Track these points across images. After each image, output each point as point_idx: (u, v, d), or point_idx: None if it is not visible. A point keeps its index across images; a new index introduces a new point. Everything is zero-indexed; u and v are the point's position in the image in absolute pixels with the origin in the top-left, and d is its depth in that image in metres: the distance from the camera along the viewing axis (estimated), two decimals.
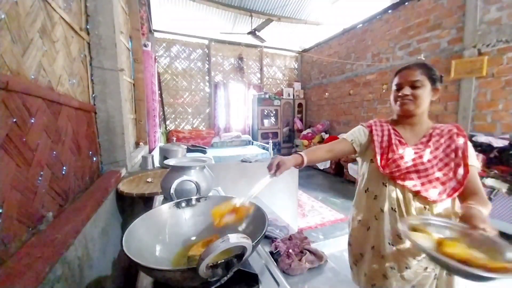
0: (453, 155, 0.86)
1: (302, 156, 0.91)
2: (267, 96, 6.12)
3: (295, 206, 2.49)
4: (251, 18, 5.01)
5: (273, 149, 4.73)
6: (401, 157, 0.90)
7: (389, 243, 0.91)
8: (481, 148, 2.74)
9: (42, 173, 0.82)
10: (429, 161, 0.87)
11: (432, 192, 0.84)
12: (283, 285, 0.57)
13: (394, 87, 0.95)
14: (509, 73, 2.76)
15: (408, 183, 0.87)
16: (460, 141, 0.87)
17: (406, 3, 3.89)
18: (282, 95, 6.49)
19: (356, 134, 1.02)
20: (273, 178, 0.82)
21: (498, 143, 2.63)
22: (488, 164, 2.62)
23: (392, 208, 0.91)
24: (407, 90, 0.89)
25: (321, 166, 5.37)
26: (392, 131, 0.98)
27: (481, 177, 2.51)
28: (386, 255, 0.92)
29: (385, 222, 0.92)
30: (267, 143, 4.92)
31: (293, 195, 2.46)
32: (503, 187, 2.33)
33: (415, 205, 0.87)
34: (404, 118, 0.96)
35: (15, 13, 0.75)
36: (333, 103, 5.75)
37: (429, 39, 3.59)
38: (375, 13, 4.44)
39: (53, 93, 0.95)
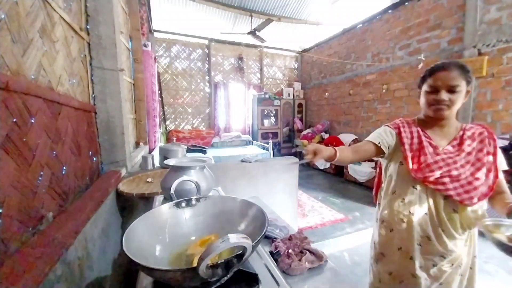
0: (485, 160, 0.87)
1: (336, 151, 0.88)
2: (267, 96, 6.12)
3: (295, 206, 2.49)
4: (251, 18, 5.02)
5: (273, 149, 4.73)
6: (435, 162, 0.89)
7: (418, 244, 0.93)
8: None
9: (42, 173, 0.82)
10: (462, 166, 0.87)
11: (464, 197, 0.84)
12: (283, 285, 0.57)
13: (427, 88, 0.89)
14: (509, 73, 2.76)
15: (441, 187, 0.86)
16: (491, 145, 0.89)
17: (406, 3, 3.89)
18: (282, 95, 6.49)
19: (383, 136, 0.98)
20: (303, 162, 0.84)
21: (498, 143, 2.63)
22: None
23: (422, 211, 0.92)
24: (444, 95, 0.84)
25: (321, 166, 5.37)
26: (421, 133, 0.95)
27: None
28: (414, 256, 0.93)
29: (414, 225, 0.92)
30: (267, 143, 4.92)
31: (293, 195, 2.46)
32: None
33: (446, 208, 0.88)
34: (434, 119, 0.93)
35: (15, 13, 0.75)
36: (333, 103, 5.75)
37: (429, 39, 3.59)
38: (375, 13, 4.44)
39: (53, 93, 0.95)
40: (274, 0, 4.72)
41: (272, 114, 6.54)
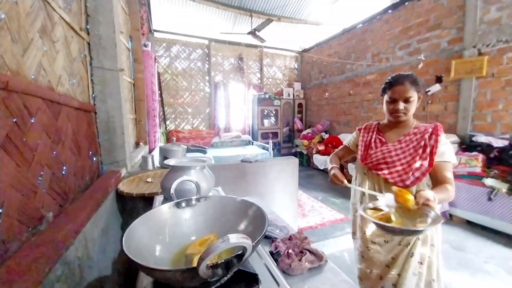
0: (420, 151, 1.02)
1: (336, 167, 1.20)
2: (267, 96, 6.11)
3: (295, 206, 2.49)
4: (251, 18, 5.02)
5: (273, 149, 4.73)
6: (375, 153, 1.14)
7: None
8: (481, 148, 2.74)
9: (42, 173, 0.82)
10: (397, 155, 1.07)
11: (396, 179, 1.03)
12: (283, 285, 0.57)
13: (387, 99, 1.09)
14: (509, 73, 2.76)
15: (379, 172, 1.09)
16: (431, 140, 1.02)
17: (406, 3, 3.89)
18: (282, 95, 6.49)
19: (350, 138, 1.34)
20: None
21: (498, 143, 2.63)
22: (488, 164, 2.62)
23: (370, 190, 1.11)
24: (401, 105, 1.04)
25: (321, 166, 5.37)
26: (375, 132, 1.21)
27: (481, 177, 2.51)
28: (367, 231, 1.14)
29: (365, 200, 1.14)
30: (267, 143, 4.92)
31: (293, 195, 2.46)
32: (503, 187, 2.33)
33: (386, 189, 1.03)
34: (395, 123, 1.13)
35: (15, 13, 0.75)
36: (333, 103, 5.75)
37: (429, 39, 3.59)
38: (375, 13, 4.44)
39: (53, 93, 0.95)
40: (274, 0, 4.72)
41: (272, 114, 6.54)
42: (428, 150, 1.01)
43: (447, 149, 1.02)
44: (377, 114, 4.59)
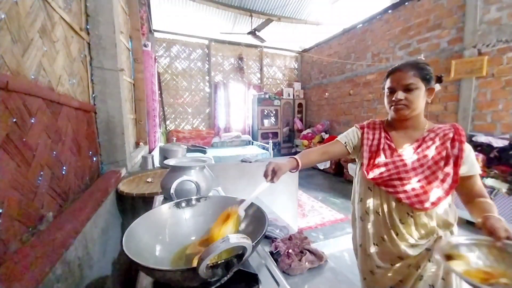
0: (442, 163, 0.82)
1: (296, 160, 0.90)
2: (267, 96, 6.12)
3: (295, 206, 2.49)
4: (251, 18, 5.01)
5: (273, 149, 4.73)
6: (385, 164, 0.89)
7: (374, 243, 0.94)
8: (481, 148, 2.74)
9: (42, 173, 0.82)
10: (414, 169, 0.85)
11: (413, 200, 0.82)
12: (283, 285, 0.57)
13: (386, 90, 0.91)
14: (509, 73, 2.76)
15: (391, 190, 0.86)
16: (455, 148, 0.82)
17: (406, 3, 3.89)
18: (282, 95, 6.49)
19: (350, 136, 1.02)
20: (271, 183, 0.82)
21: (498, 143, 2.63)
22: (488, 164, 2.62)
23: (376, 212, 0.92)
24: (400, 95, 0.84)
25: (321, 166, 5.37)
26: (383, 134, 0.96)
27: (481, 177, 2.51)
28: (371, 254, 0.94)
29: (370, 224, 0.94)
30: (267, 143, 4.92)
31: (293, 195, 2.46)
32: (503, 187, 2.33)
33: (400, 212, 0.86)
34: (398, 121, 0.93)
35: (15, 13, 0.75)
36: (333, 103, 5.75)
37: (429, 39, 3.59)
38: (375, 13, 4.44)
39: (53, 93, 0.95)
40: (274, 0, 4.72)
41: (272, 114, 6.54)
42: (451, 161, 0.81)
43: (473, 157, 0.83)
44: (377, 114, 4.59)
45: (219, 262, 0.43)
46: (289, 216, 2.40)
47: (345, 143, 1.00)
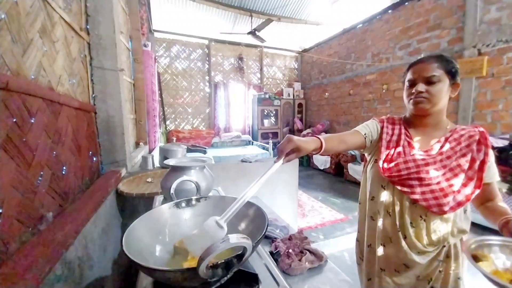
0: (466, 167, 0.77)
1: (321, 141, 0.74)
2: (267, 96, 6.12)
3: (295, 206, 2.49)
4: (251, 18, 5.01)
5: (273, 149, 4.73)
6: (405, 162, 0.82)
7: (381, 244, 0.91)
8: None
9: (42, 173, 0.82)
10: (436, 170, 0.79)
11: (431, 203, 0.76)
12: (283, 285, 0.57)
13: (406, 83, 0.85)
14: (509, 73, 2.76)
15: (406, 190, 0.80)
16: (482, 151, 0.78)
17: (406, 3, 3.89)
18: (282, 95, 6.49)
19: (370, 128, 0.93)
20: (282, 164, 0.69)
21: (498, 143, 2.63)
22: None
23: (387, 212, 0.87)
24: (421, 87, 0.78)
25: (321, 166, 5.37)
26: (403, 130, 0.90)
27: None
28: (379, 255, 0.91)
29: (379, 224, 0.90)
30: (267, 143, 4.92)
31: (293, 195, 2.46)
32: (503, 187, 2.33)
33: (412, 214, 0.82)
34: (418, 117, 0.86)
35: (15, 13, 0.75)
36: (333, 103, 5.75)
37: (429, 39, 3.59)
38: (375, 13, 4.44)
39: (53, 93, 0.95)
40: (274, 0, 4.72)
41: (272, 114, 6.54)
42: (476, 166, 0.77)
43: (493, 163, 0.81)
44: (377, 114, 4.59)
45: (219, 262, 0.43)
46: (289, 216, 2.40)
47: (365, 134, 0.90)
